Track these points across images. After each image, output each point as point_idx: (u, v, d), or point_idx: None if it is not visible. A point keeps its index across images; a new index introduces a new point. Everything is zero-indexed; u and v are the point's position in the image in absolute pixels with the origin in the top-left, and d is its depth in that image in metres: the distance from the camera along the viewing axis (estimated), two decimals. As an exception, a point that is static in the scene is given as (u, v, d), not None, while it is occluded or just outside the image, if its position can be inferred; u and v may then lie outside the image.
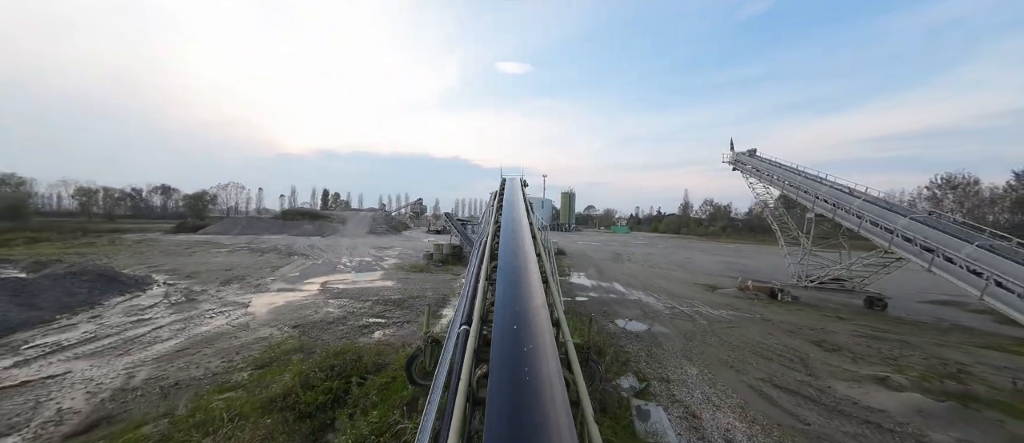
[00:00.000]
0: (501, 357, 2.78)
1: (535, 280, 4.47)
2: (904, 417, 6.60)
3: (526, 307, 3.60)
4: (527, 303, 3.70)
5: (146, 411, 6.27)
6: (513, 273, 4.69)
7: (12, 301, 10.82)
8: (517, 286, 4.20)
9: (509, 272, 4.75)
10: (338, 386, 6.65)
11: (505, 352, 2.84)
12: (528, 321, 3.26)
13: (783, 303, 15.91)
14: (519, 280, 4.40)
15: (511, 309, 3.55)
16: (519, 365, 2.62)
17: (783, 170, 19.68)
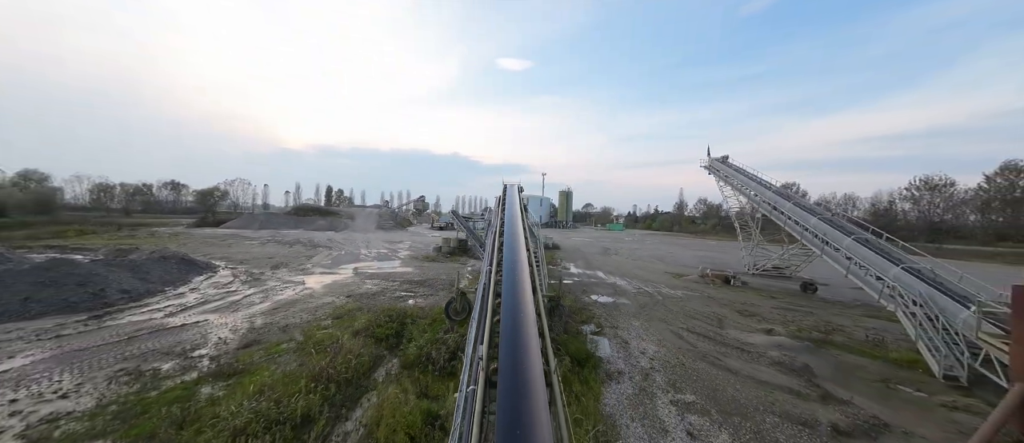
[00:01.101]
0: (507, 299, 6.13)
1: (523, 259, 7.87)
2: (764, 348, 10.11)
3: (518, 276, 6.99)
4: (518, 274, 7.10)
5: (276, 339, 9.80)
6: (512, 252, 8.12)
7: (134, 276, 14.34)
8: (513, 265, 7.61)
9: (509, 253, 8.19)
10: (396, 326, 10.17)
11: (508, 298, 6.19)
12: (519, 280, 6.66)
13: (734, 287, 19.40)
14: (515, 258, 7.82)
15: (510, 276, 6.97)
16: (516, 303, 5.99)
17: (742, 176, 23.08)
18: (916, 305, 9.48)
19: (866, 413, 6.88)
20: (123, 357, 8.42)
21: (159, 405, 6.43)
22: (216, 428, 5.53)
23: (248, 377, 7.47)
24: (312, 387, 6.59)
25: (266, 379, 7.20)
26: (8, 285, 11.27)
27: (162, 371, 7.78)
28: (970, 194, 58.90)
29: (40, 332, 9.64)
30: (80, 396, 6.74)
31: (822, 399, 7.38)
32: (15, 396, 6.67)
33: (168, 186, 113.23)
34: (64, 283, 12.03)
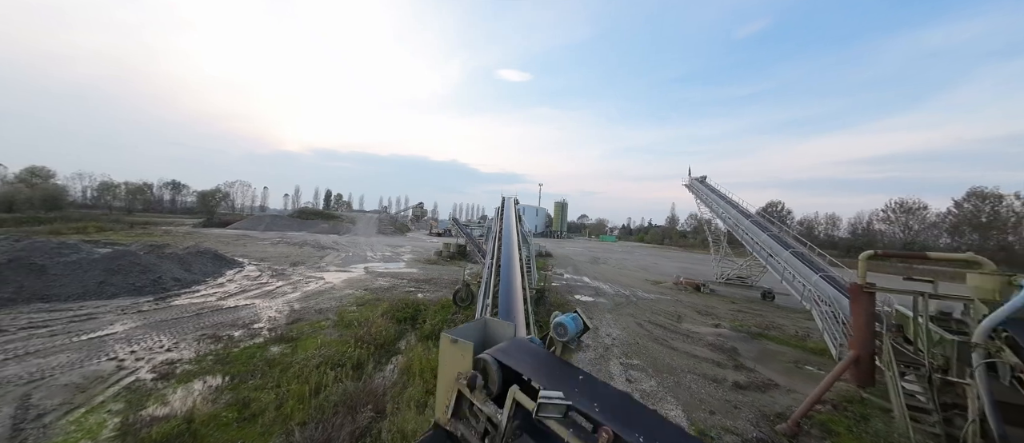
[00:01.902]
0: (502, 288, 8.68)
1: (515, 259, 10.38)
2: (707, 336, 12.59)
3: (511, 271, 9.51)
4: (512, 271, 9.62)
5: (314, 319, 12.10)
6: (507, 254, 10.61)
7: (180, 267, 16.55)
8: (508, 263, 10.11)
9: (506, 254, 10.67)
10: (412, 311, 12.53)
11: (503, 287, 8.75)
12: (512, 275, 9.18)
13: (702, 293, 21.94)
14: (510, 258, 10.33)
15: (505, 271, 9.49)
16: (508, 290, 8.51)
17: (714, 195, 25.88)
18: (825, 304, 12.04)
19: (764, 378, 9.36)
20: (199, 327, 10.70)
21: (244, 356, 8.74)
22: (297, 366, 7.88)
23: (303, 342, 9.79)
24: (359, 347, 8.96)
25: (320, 342, 9.55)
26: (86, 271, 13.48)
27: (235, 337, 10.08)
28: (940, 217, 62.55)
29: (123, 308, 11.87)
30: (181, 350, 9.03)
31: (735, 368, 9.85)
32: (133, 349, 8.94)
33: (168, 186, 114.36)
34: (129, 271, 14.25)
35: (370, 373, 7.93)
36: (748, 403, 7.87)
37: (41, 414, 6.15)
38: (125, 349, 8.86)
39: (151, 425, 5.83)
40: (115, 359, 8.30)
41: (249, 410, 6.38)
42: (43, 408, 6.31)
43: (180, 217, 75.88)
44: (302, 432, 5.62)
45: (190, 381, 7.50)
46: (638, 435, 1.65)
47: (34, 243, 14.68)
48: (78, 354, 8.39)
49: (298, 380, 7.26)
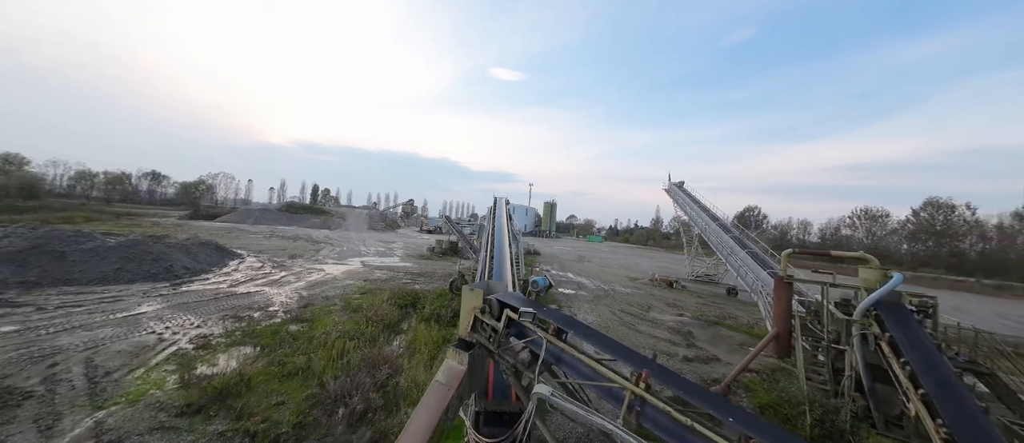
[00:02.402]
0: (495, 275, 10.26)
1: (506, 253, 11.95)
2: (669, 322, 14.47)
3: (503, 264, 11.08)
4: (503, 263, 11.19)
5: (323, 303, 13.39)
6: (499, 248, 12.16)
7: (188, 257, 17.47)
8: (500, 257, 11.68)
9: (498, 248, 12.23)
10: (411, 299, 13.95)
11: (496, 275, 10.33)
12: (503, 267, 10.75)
13: (674, 289, 24.02)
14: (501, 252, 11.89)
15: (497, 264, 11.05)
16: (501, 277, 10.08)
17: (689, 200, 28.06)
18: (769, 296, 14.06)
19: (710, 354, 11.23)
20: (220, 308, 11.88)
21: (268, 331, 10.05)
22: (319, 338, 9.26)
23: (317, 322, 11.12)
24: (370, 325, 10.38)
25: (334, 321, 10.91)
26: (102, 258, 14.36)
27: (255, 317, 11.32)
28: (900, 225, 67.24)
29: (144, 292, 12.91)
30: (210, 327, 10.25)
31: (688, 347, 11.71)
32: (167, 326, 10.12)
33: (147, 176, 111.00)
34: (142, 259, 15.17)
35: (382, 344, 9.38)
36: (691, 371, 9.68)
37: (108, 373, 7.39)
38: (160, 326, 10.03)
39: (208, 379, 7.17)
40: (154, 333, 9.49)
41: (286, 369, 7.76)
42: (107, 368, 7.54)
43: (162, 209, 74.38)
44: (334, 383, 7.06)
45: (227, 350, 8.80)
46: (573, 331, 3.25)
47: (52, 231, 15.40)
48: (119, 329, 9.54)
49: (323, 348, 8.67)
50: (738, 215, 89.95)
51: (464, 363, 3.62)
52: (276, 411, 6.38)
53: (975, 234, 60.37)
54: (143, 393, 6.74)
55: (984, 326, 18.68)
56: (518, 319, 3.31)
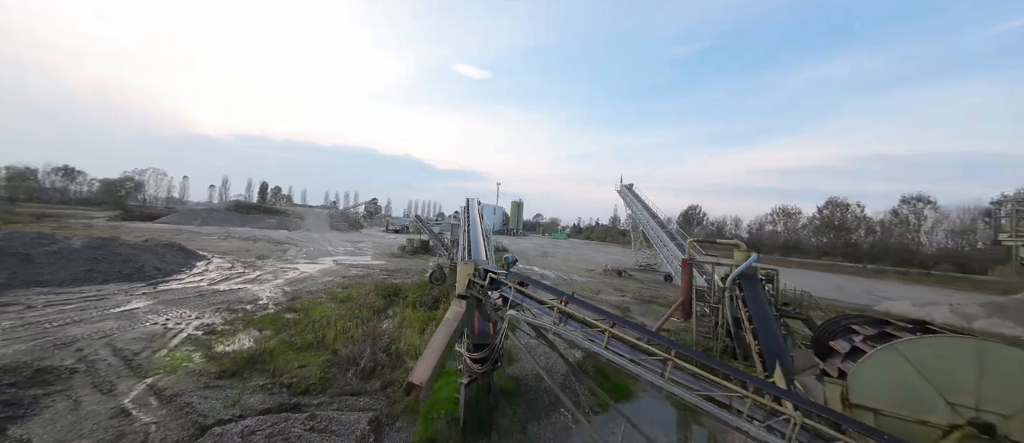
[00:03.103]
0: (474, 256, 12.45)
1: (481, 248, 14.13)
2: (613, 301, 17.59)
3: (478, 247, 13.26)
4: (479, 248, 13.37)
5: (309, 297, 14.63)
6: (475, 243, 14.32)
7: (156, 258, 17.44)
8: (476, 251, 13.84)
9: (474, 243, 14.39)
10: (393, 290, 15.64)
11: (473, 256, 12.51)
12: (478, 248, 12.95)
13: (623, 277, 27.71)
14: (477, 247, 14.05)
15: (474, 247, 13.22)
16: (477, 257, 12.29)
17: (635, 199, 32.15)
18: (688, 278, 17.67)
19: (640, 323, 14.33)
20: (209, 303, 12.76)
21: (267, 319, 11.34)
22: (320, 321, 10.82)
23: (310, 311, 12.51)
24: (361, 310, 12.05)
25: (327, 309, 12.39)
26: (71, 260, 14.25)
27: (248, 309, 12.43)
28: (809, 221, 79.18)
29: (127, 290, 13.29)
30: (208, 318, 11.29)
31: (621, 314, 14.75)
32: (166, 318, 11.00)
33: (58, 172, 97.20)
34: (112, 260, 15.18)
35: (376, 324, 11.16)
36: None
37: (135, 353, 8.49)
38: (159, 318, 10.90)
39: (232, 354, 8.59)
40: (158, 324, 10.42)
41: (299, 344, 9.35)
42: (132, 350, 8.62)
43: (81, 209, 65.93)
44: (344, 350, 8.84)
45: (235, 334, 10.08)
46: (530, 284, 5.61)
47: (12, 234, 14.79)
48: (121, 322, 10.34)
49: (327, 327, 10.29)
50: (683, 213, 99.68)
51: (462, 307, 5.80)
52: (301, 371, 8.06)
53: (863, 228, 73.04)
54: (177, 366, 8.05)
55: (852, 300, 24.19)
56: (497, 278, 5.60)
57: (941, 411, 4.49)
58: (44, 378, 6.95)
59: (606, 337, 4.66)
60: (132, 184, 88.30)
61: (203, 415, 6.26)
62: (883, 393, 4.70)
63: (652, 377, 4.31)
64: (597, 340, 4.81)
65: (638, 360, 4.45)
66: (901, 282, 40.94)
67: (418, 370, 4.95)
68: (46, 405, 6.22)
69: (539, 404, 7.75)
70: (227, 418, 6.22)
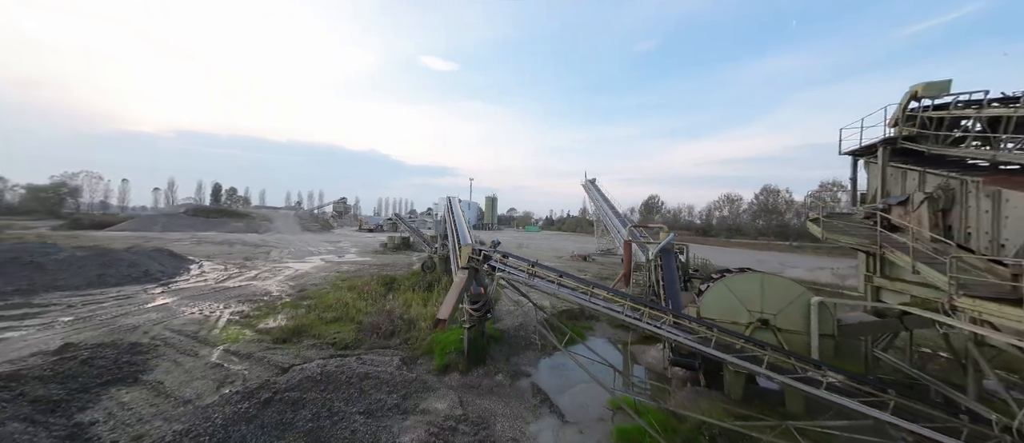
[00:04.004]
0: None
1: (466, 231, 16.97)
2: (576, 280, 21.20)
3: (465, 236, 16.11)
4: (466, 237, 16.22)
5: (314, 289, 16.74)
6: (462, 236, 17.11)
7: (155, 263, 18.49)
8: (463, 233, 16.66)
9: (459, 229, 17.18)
10: (389, 279, 18.09)
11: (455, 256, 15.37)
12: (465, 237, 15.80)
13: (587, 261, 31.69)
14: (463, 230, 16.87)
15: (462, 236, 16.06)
16: None
17: (597, 192, 36.25)
18: (635, 257, 21.64)
19: (595, 293, 17.94)
20: (227, 296, 14.61)
21: (288, 305, 13.53)
22: (335, 305, 13.22)
23: (322, 298, 14.74)
24: (368, 295, 14.53)
25: (336, 297, 14.71)
26: (81, 266, 15.24)
27: (264, 300, 14.45)
28: (749, 205, 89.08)
29: (147, 290, 14.71)
30: (235, 307, 13.27)
31: (583, 290, 18.31)
32: (199, 308, 12.86)
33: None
34: (118, 265, 16.26)
35: (384, 303, 13.72)
36: (581, 300, 16.09)
37: (195, 332, 10.56)
38: (193, 309, 12.75)
39: (275, 329, 10.90)
40: (196, 313, 12.33)
41: (327, 319, 11.78)
42: (190, 331, 10.66)
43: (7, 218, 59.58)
44: (367, 320, 11.44)
45: (267, 317, 12.26)
46: (512, 256, 8.66)
47: (19, 245, 15.38)
48: (162, 313, 12.14)
49: (346, 307, 12.75)
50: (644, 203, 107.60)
51: (465, 275, 8.74)
52: (338, 336, 10.60)
53: (792, 211, 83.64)
54: (236, 338, 10.29)
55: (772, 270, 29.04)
56: (488, 253, 8.59)
57: (744, 315, 8.14)
58: (139, 350, 8.99)
59: (557, 285, 7.86)
60: (66, 190, 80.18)
61: (278, 363, 8.73)
62: (715, 308, 8.28)
63: (583, 300, 7.58)
64: (551, 288, 8.01)
65: (576, 297, 7.70)
66: (814, 255, 48.82)
67: (442, 311, 7.85)
68: (155, 365, 8.39)
69: (517, 345, 10.90)
70: (298, 363, 8.74)
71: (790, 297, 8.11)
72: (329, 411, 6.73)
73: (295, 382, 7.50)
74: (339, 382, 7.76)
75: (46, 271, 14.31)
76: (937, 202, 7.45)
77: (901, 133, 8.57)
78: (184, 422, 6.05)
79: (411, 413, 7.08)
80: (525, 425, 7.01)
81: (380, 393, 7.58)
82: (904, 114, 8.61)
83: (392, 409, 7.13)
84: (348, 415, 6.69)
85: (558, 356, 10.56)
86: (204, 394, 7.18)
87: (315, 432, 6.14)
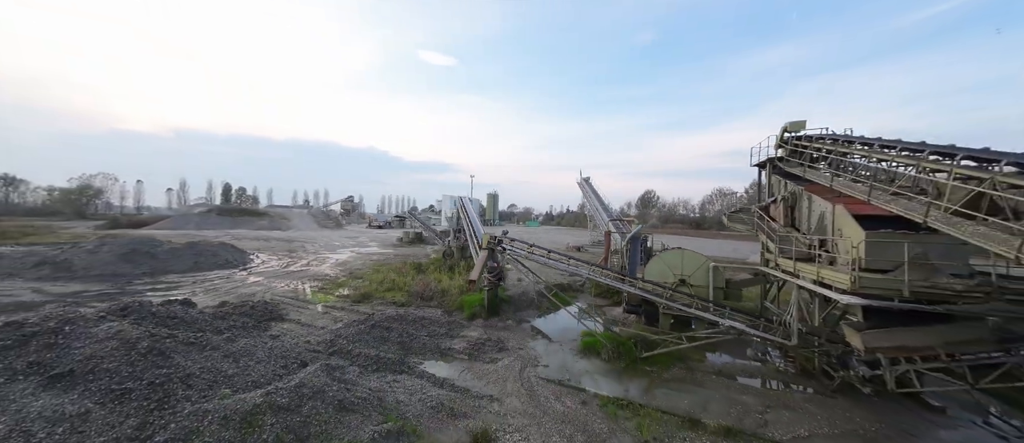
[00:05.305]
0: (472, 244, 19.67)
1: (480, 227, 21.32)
2: (569, 265, 25.64)
3: (479, 231, 20.45)
4: (479, 231, 20.58)
5: (360, 270, 21.17)
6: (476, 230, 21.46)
7: (227, 254, 22.90)
8: (477, 229, 21.01)
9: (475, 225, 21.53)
10: (417, 264, 22.53)
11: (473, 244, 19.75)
12: (479, 231, 20.15)
13: (580, 251, 36.07)
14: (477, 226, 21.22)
15: (477, 231, 20.42)
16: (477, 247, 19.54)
17: (590, 190, 40.50)
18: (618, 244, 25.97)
19: (583, 273, 22.35)
20: (299, 277, 19.02)
21: (345, 282, 17.94)
22: (386, 280, 17.65)
23: (370, 276, 19.11)
24: (406, 274, 18.96)
25: (381, 275, 19.11)
26: (180, 256, 19.66)
27: (327, 278, 18.86)
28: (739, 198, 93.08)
29: (235, 272, 19.14)
30: (309, 283, 17.67)
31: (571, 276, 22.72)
32: (285, 284, 17.26)
33: None
34: (205, 255, 20.69)
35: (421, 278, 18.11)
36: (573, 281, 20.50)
37: (294, 297, 14.95)
38: (280, 284, 17.15)
39: (350, 295, 15.30)
40: (285, 286, 16.74)
41: (384, 288, 16.18)
42: (290, 296, 15.05)
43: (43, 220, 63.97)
44: (412, 289, 15.84)
45: (338, 288, 16.66)
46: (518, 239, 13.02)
47: (135, 240, 19.83)
48: (262, 287, 16.55)
49: (393, 281, 17.16)
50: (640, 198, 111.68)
51: (486, 254, 13.09)
52: (395, 298, 14.98)
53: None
54: (326, 300, 14.71)
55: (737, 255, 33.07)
56: (501, 239, 12.94)
57: (670, 276, 12.54)
58: (270, 305, 13.39)
59: (548, 258, 12.25)
60: (92, 192, 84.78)
61: (363, 312, 13.11)
62: (654, 272, 12.66)
63: (562, 267, 11.98)
64: (543, 259, 12.41)
65: (558, 265, 12.09)
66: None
67: (473, 275, 12.22)
68: (287, 312, 12.78)
69: (520, 305, 15.28)
70: (377, 312, 13.12)
71: (698, 263, 12.50)
72: (407, 333, 11.11)
73: (382, 319, 11.89)
74: (407, 320, 12.14)
75: (158, 259, 18.72)
76: (788, 201, 11.76)
77: (778, 154, 12.83)
78: (329, 335, 10.44)
79: (455, 336, 11.47)
80: (526, 343, 11.39)
81: (434, 327, 11.96)
82: (781, 141, 12.85)
83: (443, 334, 11.51)
84: (418, 336, 11.07)
85: (549, 314, 14.94)
86: (328, 325, 11.59)
87: (403, 341, 10.53)
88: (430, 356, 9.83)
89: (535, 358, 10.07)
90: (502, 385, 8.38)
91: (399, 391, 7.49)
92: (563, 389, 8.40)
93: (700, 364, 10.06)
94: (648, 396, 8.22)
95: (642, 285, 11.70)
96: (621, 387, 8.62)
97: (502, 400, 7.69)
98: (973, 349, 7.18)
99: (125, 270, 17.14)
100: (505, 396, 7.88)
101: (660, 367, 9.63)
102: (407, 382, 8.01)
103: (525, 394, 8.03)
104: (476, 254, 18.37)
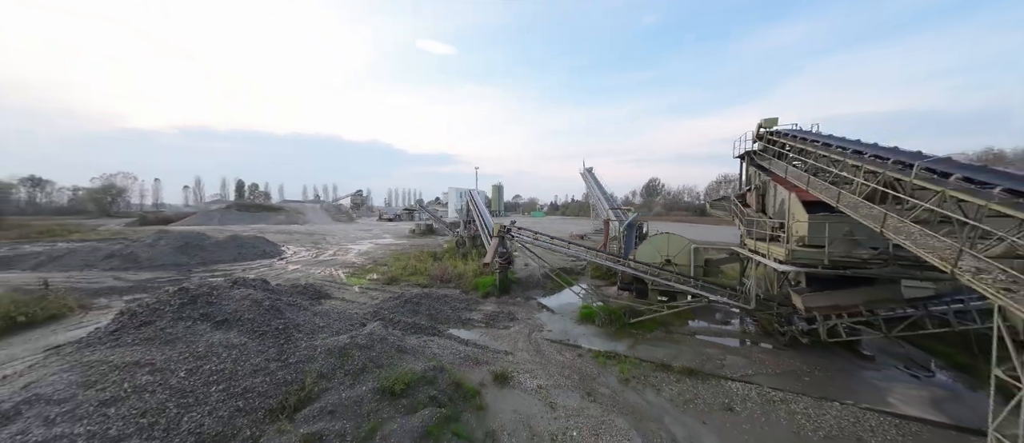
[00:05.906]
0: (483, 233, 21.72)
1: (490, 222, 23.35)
2: (572, 251, 27.67)
3: (489, 222, 22.49)
4: (489, 222, 22.61)
5: (383, 260, 23.47)
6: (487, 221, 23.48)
7: (263, 246, 25.36)
8: (487, 220, 23.04)
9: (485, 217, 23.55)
10: (432, 252, 24.76)
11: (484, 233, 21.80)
12: (489, 222, 22.19)
13: (583, 239, 37.99)
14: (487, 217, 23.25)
15: (487, 222, 22.47)
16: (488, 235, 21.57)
17: (592, 180, 42.13)
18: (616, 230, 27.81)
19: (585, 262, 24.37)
20: (330, 264, 21.36)
21: (371, 269, 20.23)
22: (408, 266, 19.90)
23: (393, 263, 21.37)
24: (425, 260, 21.19)
25: (402, 263, 21.37)
26: (225, 249, 22.13)
27: (355, 264, 21.17)
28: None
29: (275, 262, 21.57)
30: (341, 270, 19.99)
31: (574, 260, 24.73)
32: (321, 271, 19.60)
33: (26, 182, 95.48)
34: (245, 247, 23.14)
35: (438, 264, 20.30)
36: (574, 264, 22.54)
37: (332, 281, 17.25)
38: (315, 271, 19.48)
39: (379, 278, 17.56)
40: (321, 272, 19.07)
41: (408, 272, 18.41)
42: (329, 280, 17.36)
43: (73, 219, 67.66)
44: (432, 274, 18.02)
45: (366, 274, 18.93)
46: (525, 228, 15.03)
47: (185, 235, 22.36)
48: (301, 273, 18.89)
49: (414, 267, 19.38)
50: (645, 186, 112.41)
51: (497, 239, 15.13)
52: (418, 281, 17.18)
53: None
54: (360, 283, 16.97)
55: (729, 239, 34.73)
56: (509, 227, 14.96)
57: (658, 257, 14.51)
58: (314, 287, 15.69)
59: (551, 244, 14.26)
60: (115, 191, 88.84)
61: (394, 292, 15.31)
62: (644, 254, 14.62)
63: (563, 249, 13.98)
64: (548, 245, 14.42)
65: (560, 249, 14.11)
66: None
67: (487, 258, 14.28)
68: (328, 295, 15.06)
69: (527, 286, 17.37)
70: (404, 292, 15.32)
71: (681, 246, 14.39)
72: (433, 307, 13.28)
73: (411, 297, 14.08)
74: (432, 298, 14.32)
75: (207, 251, 21.19)
76: (760, 190, 13.50)
77: (754, 147, 14.50)
78: (371, 307, 12.65)
79: (473, 310, 13.61)
80: (533, 315, 13.49)
81: (455, 303, 14.12)
82: (758, 135, 14.49)
83: (463, 308, 13.66)
84: (442, 310, 13.23)
85: (554, 293, 17.00)
86: (368, 302, 13.83)
87: (431, 313, 12.70)
88: (454, 324, 11.99)
89: (541, 325, 12.17)
90: (514, 343, 10.51)
91: (433, 347, 9.65)
92: (564, 346, 10.50)
93: (679, 328, 12.06)
94: (632, 351, 10.27)
95: (634, 265, 13.65)
96: (610, 345, 10.68)
97: (515, 354, 9.81)
98: (889, 306, 9.04)
99: (182, 260, 19.64)
100: (517, 351, 10.00)
101: (644, 331, 11.66)
102: (438, 341, 10.17)
103: (533, 349, 10.15)
104: (487, 243, 20.42)
